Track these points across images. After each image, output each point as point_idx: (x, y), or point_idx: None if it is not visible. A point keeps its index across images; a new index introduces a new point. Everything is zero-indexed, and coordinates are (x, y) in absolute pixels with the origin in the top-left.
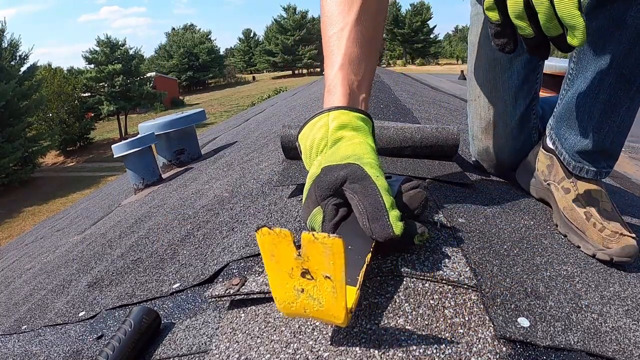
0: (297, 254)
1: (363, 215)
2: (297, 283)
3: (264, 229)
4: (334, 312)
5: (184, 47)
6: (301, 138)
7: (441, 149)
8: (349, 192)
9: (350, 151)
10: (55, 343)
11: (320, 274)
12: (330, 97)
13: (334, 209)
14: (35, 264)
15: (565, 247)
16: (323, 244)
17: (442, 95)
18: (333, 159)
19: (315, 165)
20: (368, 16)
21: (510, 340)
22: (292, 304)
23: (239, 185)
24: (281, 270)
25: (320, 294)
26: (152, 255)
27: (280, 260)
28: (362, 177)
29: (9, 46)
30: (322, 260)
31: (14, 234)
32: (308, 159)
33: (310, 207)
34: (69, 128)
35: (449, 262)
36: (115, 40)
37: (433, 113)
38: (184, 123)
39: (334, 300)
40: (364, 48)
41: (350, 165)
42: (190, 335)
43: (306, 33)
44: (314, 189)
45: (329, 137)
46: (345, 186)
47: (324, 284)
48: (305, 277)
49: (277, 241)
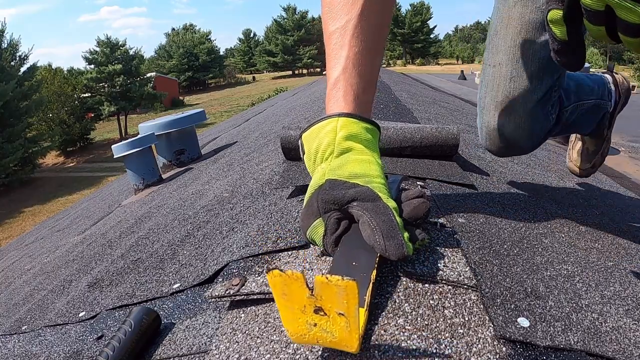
0: (309, 293)
1: (376, 232)
2: (309, 318)
3: (275, 271)
4: (347, 343)
5: (183, 48)
6: (305, 138)
7: (441, 149)
8: (357, 209)
9: (359, 169)
10: (55, 343)
11: (334, 311)
12: (335, 100)
13: (336, 222)
14: (36, 265)
15: (566, 247)
16: (337, 287)
17: (442, 95)
18: (341, 173)
19: (319, 173)
20: (374, 9)
21: (510, 340)
22: (305, 336)
23: (239, 185)
24: (293, 307)
25: (333, 328)
26: (152, 255)
27: (293, 299)
28: (373, 197)
29: (9, 46)
30: (335, 300)
31: (14, 234)
32: (311, 162)
33: (311, 218)
34: (69, 128)
35: (449, 262)
36: (115, 41)
37: (433, 113)
38: (184, 123)
39: (348, 333)
40: (369, 44)
41: (359, 187)
42: (190, 336)
43: (306, 33)
44: (316, 199)
45: (336, 146)
46: (353, 204)
47: (337, 320)
48: (318, 313)
49: (289, 282)
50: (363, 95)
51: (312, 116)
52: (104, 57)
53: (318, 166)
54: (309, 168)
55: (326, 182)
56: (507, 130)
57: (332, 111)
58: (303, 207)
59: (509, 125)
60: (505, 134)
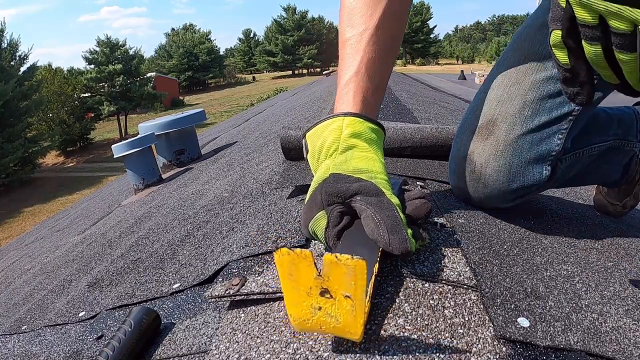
0: (317, 273)
1: (380, 226)
2: (314, 301)
3: (284, 249)
4: (350, 329)
5: (183, 47)
6: (310, 137)
7: (441, 149)
8: (361, 203)
9: (363, 165)
10: (55, 343)
11: (340, 293)
12: (344, 100)
13: (339, 216)
14: (35, 264)
15: (565, 247)
16: (346, 265)
17: (442, 95)
18: (345, 168)
19: (323, 168)
20: (390, 20)
21: (510, 340)
22: (308, 321)
23: (239, 185)
24: (299, 289)
25: (338, 312)
26: (152, 255)
27: (299, 280)
28: (376, 192)
29: (9, 46)
30: (343, 281)
31: (14, 234)
32: (315, 159)
33: (313, 210)
34: (69, 128)
35: (449, 262)
36: (115, 41)
37: (433, 113)
38: (184, 123)
39: (352, 318)
40: (382, 53)
41: (363, 181)
42: (190, 336)
43: (306, 33)
44: (320, 192)
45: (341, 143)
46: (356, 198)
47: (342, 303)
48: (324, 295)
49: (297, 261)
50: (371, 97)
51: (312, 116)
52: (104, 57)
53: (322, 163)
54: (313, 166)
55: (330, 175)
56: (479, 159)
57: (340, 110)
58: (305, 202)
59: (484, 151)
60: (476, 163)
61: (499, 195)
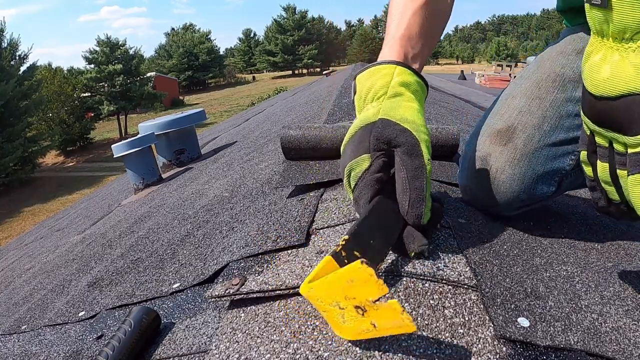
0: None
1: (406, 193)
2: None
3: (364, 265)
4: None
5: (183, 47)
6: (359, 79)
7: (441, 149)
8: (399, 162)
9: (409, 115)
10: (55, 343)
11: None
12: (394, 49)
13: (381, 164)
14: (35, 264)
15: (565, 247)
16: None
17: (442, 95)
18: (392, 114)
19: (370, 110)
20: (434, 5)
21: (510, 340)
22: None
23: (239, 185)
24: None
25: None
26: (152, 255)
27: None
28: (417, 153)
29: (9, 46)
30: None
31: (14, 234)
32: (361, 100)
33: (360, 151)
34: (69, 128)
35: (449, 262)
36: (115, 40)
37: (433, 113)
38: (184, 123)
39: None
40: (423, 30)
41: (408, 134)
42: (190, 335)
43: (306, 33)
44: (369, 135)
45: (390, 88)
46: (398, 151)
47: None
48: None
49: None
50: (419, 56)
51: (312, 116)
52: (104, 57)
53: (368, 104)
54: (358, 107)
55: (379, 120)
56: (495, 163)
57: (388, 57)
58: (347, 141)
59: (501, 156)
60: (492, 167)
61: (507, 203)
